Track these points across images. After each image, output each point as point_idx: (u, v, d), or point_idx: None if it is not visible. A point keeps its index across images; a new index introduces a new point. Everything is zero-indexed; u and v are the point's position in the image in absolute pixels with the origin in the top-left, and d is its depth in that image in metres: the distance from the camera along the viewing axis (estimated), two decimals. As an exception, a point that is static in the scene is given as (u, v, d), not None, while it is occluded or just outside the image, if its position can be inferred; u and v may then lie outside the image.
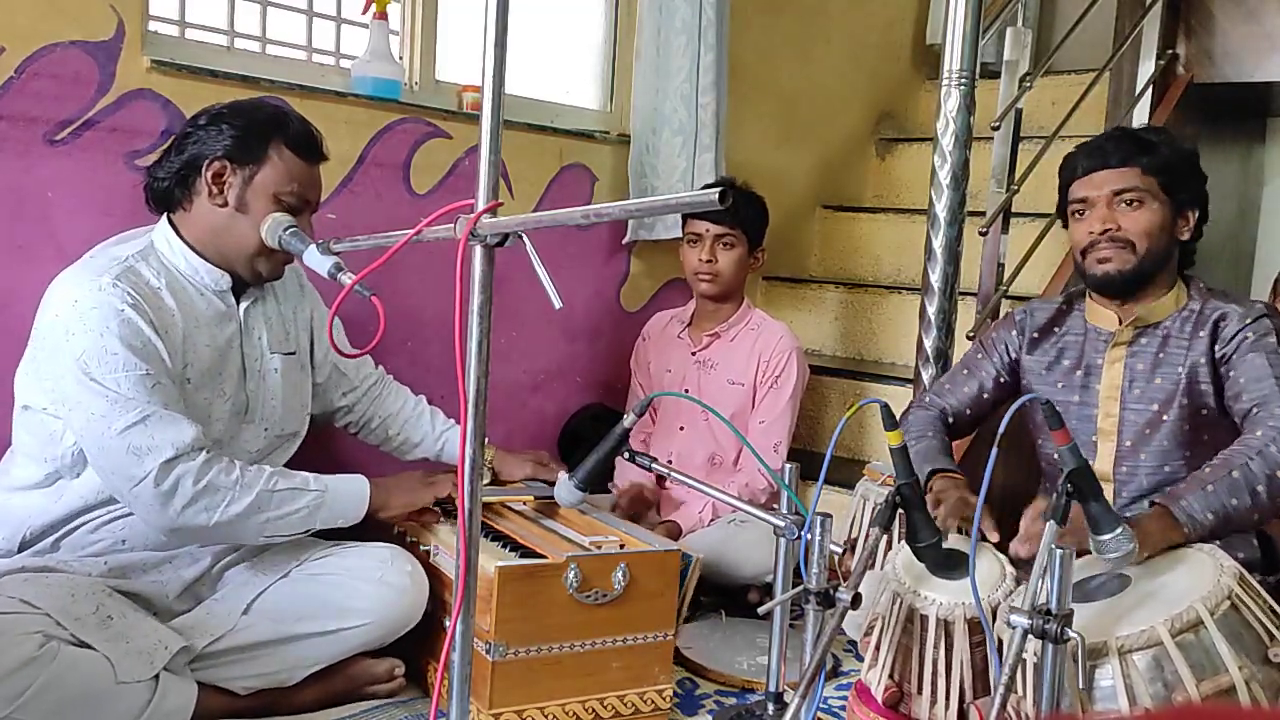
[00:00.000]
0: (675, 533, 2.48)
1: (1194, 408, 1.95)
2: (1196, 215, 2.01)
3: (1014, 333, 2.17)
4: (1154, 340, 2.00)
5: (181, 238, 1.87)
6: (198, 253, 1.87)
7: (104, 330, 1.72)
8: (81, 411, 1.73)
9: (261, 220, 1.85)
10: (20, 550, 1.82)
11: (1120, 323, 2.03)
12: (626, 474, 2.66)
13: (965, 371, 2.23)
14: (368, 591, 1.88)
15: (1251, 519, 1.72)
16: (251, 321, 1.96)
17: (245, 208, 1.85)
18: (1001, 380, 2.18)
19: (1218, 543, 1.69)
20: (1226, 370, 1.92)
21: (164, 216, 1.90)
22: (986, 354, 2.20)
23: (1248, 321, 1.92)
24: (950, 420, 2.20)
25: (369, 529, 1.97)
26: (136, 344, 1.74)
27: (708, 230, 2.66)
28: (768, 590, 2.42)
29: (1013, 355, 2.17)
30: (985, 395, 2.19)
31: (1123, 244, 1.96)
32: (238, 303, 1.93)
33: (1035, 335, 2.14)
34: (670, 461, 2.69)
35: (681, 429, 2.72)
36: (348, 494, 1.90)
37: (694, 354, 2.75)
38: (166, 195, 1.88)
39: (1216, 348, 1.93)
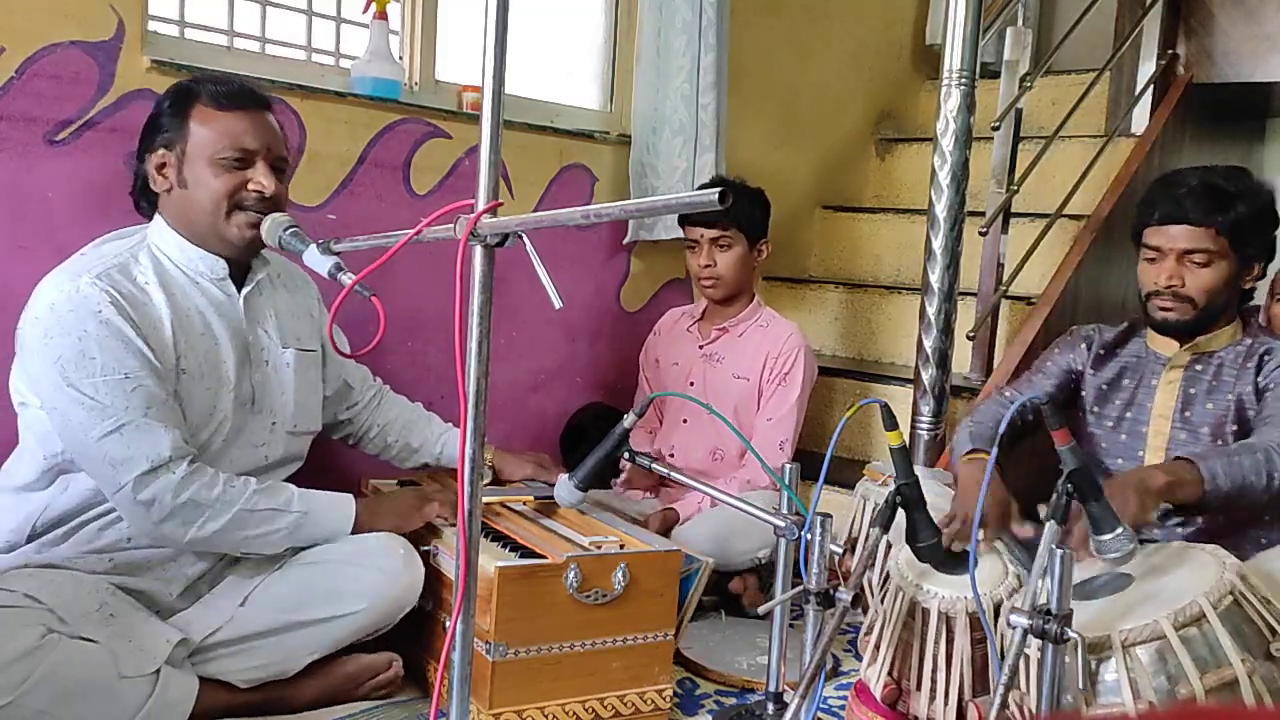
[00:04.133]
0: (673, 519, 2.48)
1: (1242, 435, 2.02)
2: (1264, 264, 2.07)
3: (1082, 346, 2.24)
4: (1209, 368, 2.07)
5: (172, 228, 1.88)
6: (189, 240, 1.87)
7: (81, 333, 1.72)
8: (59, 416, 1.74)
9: (204, 188, 1.83)
10: (29, 541, 1.83)
11: (1179, 347, 2.10)
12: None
13: (1040, 374, 2.27)
14: (363, 577, 1.88)
15: (1260, 500, 1.81)
16: (256, 311, 1.96)
17: (185, 183, 1.85)
18: (1072, 387, 2.24)
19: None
20: (1263, 398, 2.00)
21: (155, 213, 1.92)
22: (1056, 361, 2.26)
23: None
24: (1030, 416, 2.23)
25: None
26: (115, 345, 1.73)
27: (703, 235, 2.68)
28: (766, 570, 2.41)
29: (1079, 367, 2.23)
30: (1057, 397, 2.23)
31: (1185, 299, 2.03)
32: (239, 290, 1.93)
33: (1101, 352, 2.20)
34: (672, 453, 2.71)
35: (685, 421, 2.73)
36: (331, 517, 1.91)
37: (701, 347, 2.76)
38: (140, 204, 1.92)
39: (1260, 378, 2.01)
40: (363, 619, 1.88)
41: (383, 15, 2.51)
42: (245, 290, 1.93)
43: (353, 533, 1.92)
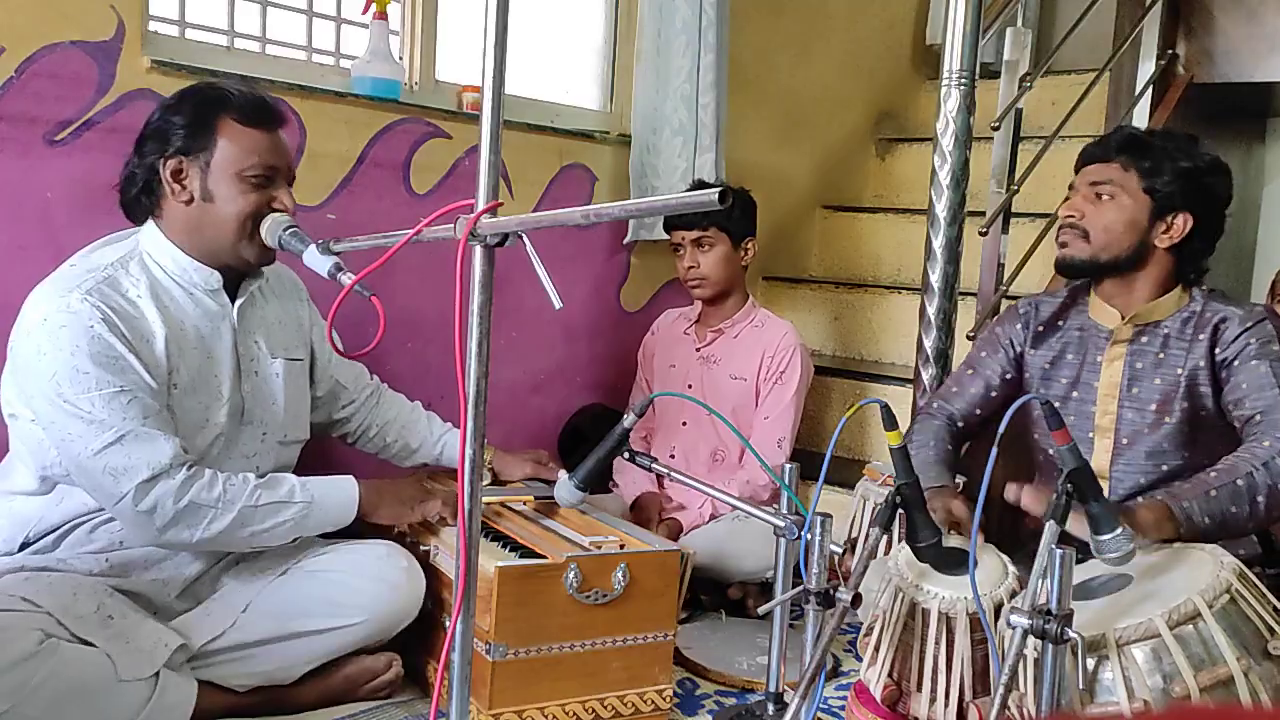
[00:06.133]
0: (676, 531, 2.48)
1: (1193, 410, 1.96)
2: (1190, 224, 1.95)
3: (1019, 326, 2.16)
4: (1155, 340, 2.00)
5: (169, 237, 1.86)
6: (186, 252, 1.85)
7: (74, 349, 1.70)
8: (56, 431, 1.73)
9: (232, 204, 1.82)
10: (21, 549, 1.82)
11: (1121, 319, 2.03)
12: (626, 474, 2.66)
13: (970, 371, 2.21)
14: (365, 588, 1.88)
15: (1246, 527, 1.76)
16: (248, 323, 1.95)
17: (210, 196, 1.82)
18: (1008, 376, 2.17)
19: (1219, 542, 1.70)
20: (1227, 375, 1.92)
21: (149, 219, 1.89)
22: (991, 351, 2.18)
23: (1248, 325, 1.91)
24: (960, 425, 2.18)
25: (368, 527, 1.97)
26: (108, 360, 1.72)
27: (684, 237, 2.68)
28: (767, 588, 2.42)
29: (1018, 350, 2.16)
30: (993, 394, 2.17)
31: (1080, 233, 1.99)
32: (232, 301, 1.92)
33: (1040, 329, 2.13)
34: (673, 457, 2.71)
35: (684, 424, 2.73)
36: (335, 503, 1.90)
37: (698, 350, 2.76)
38: (136, 205, 1.87)
39: (1216, 351, 1.93)
40: (363, 631, 1.89)
41: (383, 15, 2.51)
42: (239, 302, 1.92)
43: (357, 515, 1.91)
